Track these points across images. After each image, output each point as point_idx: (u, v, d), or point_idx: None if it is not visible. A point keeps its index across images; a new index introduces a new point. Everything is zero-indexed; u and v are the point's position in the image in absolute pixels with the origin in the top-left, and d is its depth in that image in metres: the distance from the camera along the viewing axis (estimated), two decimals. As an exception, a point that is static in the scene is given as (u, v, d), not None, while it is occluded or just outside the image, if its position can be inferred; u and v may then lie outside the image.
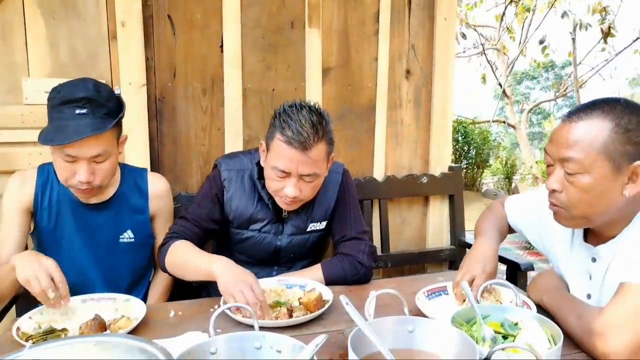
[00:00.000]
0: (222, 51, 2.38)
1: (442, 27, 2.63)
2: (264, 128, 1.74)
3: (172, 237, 1.67)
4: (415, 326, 1.12)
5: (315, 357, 0.97)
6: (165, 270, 1.67)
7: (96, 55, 2.27)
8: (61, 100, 1.61)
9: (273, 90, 2.49)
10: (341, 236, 1.74)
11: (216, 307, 1.48)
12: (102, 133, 1.59)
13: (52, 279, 1.40)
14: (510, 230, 1.72)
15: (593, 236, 1.38)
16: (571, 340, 1.25)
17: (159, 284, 1.93)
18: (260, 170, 1.68)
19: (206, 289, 1.84)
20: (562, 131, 1.25)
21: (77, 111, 1.59)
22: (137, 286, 1.91)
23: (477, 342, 1.13)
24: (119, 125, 1.70)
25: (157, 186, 1.91)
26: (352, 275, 1.67)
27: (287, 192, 1.57)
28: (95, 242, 1.81)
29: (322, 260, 1.73)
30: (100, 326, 1.33)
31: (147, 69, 2.30)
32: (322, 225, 1.76)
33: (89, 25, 2.24)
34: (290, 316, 1.39)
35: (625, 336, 1.14)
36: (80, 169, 1.62)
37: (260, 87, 2.47)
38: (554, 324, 1.17)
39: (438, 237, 2.81)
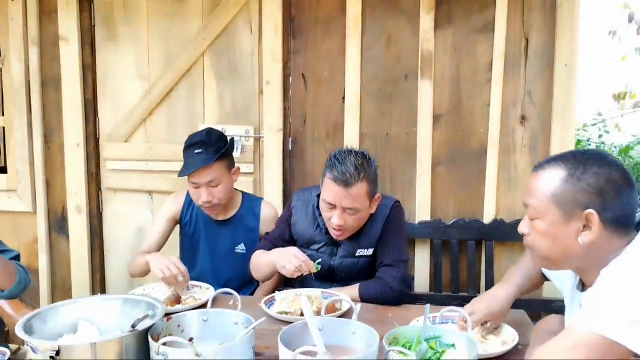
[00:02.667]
0: (343, 101, 2.82)
1: (562, 73, 2.59)
2: (378, 168, 2.03)
3: (255, 250, 2.16)
4: (356, 330, 1.35)
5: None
6: (252, 277, 2.14)
7: (249, 106, 2.93)
8: (186, 144, 2.25)
9: (387, 134, 2.81)
10: (380, 261, 1.98)
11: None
12: (211, 164, 2.16)
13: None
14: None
15: (582, 283, 1.38)
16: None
17: (267, 285, 2.40)
18: None
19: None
20: (530, 179, 1.34)
21: (196, 151, 2.19)
22: (242, 289, 2.41)
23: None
24: (227, 159, 2.25)
25: (267, 212, 2.41)
26: (382, 297, 1.89)
27: (333, 221, 1.91)
28: (217, 249, 2.39)
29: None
30: (175, 299, 1.86)
31: (284, 117, 2.88)
32: (369, 251, 2.02)
33: (245, 84, 2.93)
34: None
35: None
36: (202, 192, 2.21)
37: (376, 131, 2.81)
38: (474, 350, 1.26)
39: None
